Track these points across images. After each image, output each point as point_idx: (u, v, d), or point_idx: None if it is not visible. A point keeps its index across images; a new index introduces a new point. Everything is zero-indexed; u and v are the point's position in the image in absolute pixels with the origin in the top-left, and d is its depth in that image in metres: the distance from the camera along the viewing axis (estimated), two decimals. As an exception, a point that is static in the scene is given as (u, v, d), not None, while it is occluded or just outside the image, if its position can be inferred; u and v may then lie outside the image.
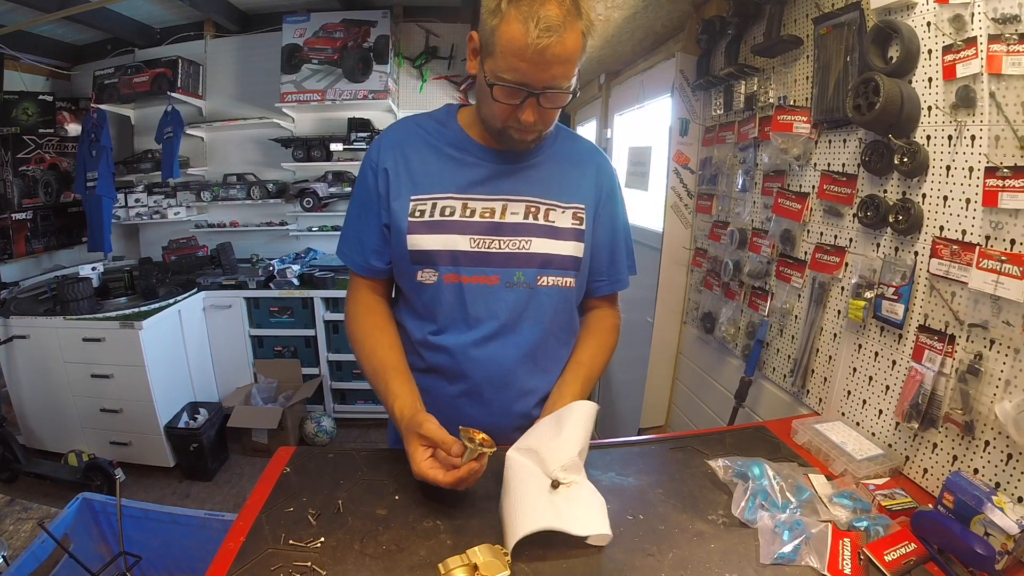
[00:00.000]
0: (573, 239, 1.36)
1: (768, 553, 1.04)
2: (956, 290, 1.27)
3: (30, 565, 1.96)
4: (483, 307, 1.33)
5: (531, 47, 1.06)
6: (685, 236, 2.65)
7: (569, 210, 1.37)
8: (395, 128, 1.44)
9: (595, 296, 1.51)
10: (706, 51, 2.34)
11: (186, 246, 4.76)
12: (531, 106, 1.17)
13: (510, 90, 1.15)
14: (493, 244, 1.32)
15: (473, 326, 1.34)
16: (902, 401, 1.38)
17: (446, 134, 1.38)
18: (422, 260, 1.33)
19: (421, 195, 1.33)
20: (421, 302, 1.37)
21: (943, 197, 1.31)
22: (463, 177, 1.34)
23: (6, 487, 3.61)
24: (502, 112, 1.21)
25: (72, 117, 4.79)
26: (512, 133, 1.24)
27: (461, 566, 0.94)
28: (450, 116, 1.41)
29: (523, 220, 1.33)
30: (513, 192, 1.34)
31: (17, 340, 3.73)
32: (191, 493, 3.79)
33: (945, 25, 1.26)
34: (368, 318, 1.41)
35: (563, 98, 1.20)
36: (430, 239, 1.31)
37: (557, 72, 1.12)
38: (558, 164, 1.40)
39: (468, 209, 1.32)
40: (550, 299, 1.36)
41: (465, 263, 1.31)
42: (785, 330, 1.92)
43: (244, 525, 1.12)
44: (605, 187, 1.44)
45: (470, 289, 1.32)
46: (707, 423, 2.44)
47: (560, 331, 1.43)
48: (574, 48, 1.11)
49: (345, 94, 4.42)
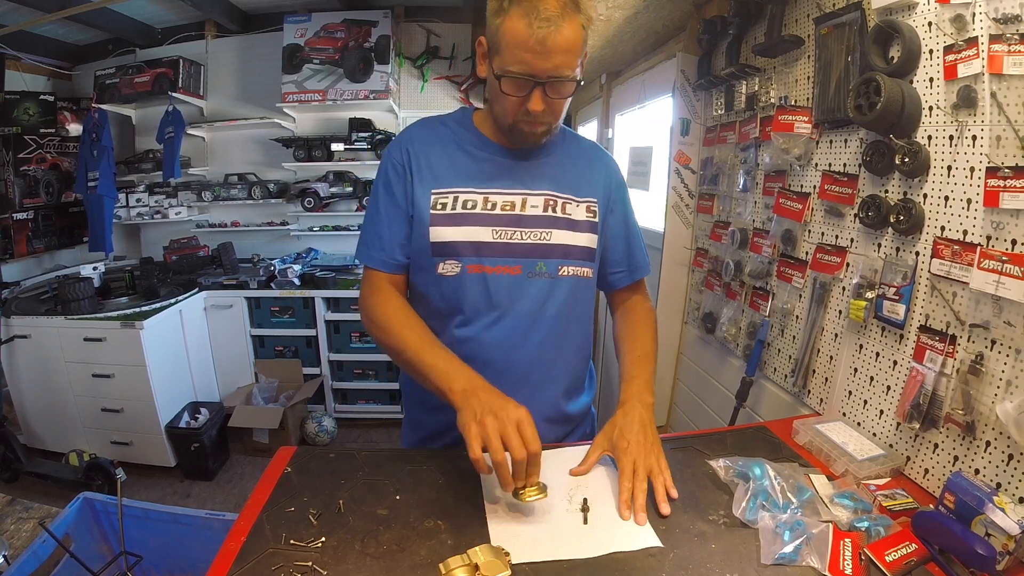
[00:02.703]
0: (588, 231, 1.42)
1: (769, 553, 1.04)
2: (957, 290, 1.27)
3: (31, 565, 1.96)
4: (506, 297, 1.37)
5: (532, 37, 1.13)
6: (686, 236, 2.65)
7: (583, 204, 1.43)
8: (415, 126, 1.48)
9: (619, 288, 1.57)
10: (707, 51, 2.34)
11: (187, 246, 4.76)
12: (538, 95, 1.22)
13: (518, 82, 1.21)
14: (515, 235, 1.36)
15: (498, 316, 1.37)
16: (903, 401, 1.38)
17: (464, 134, 1.43)
18: (445, 252, 1.36)
19: (442, 189, 1.37)
20: (441, 295, 1.39)
21: (944, 197, 1.31)
22: (482, 172, 1.39)
23: (7, 487, 3.61)
24: (512, 106, 1.25)
25: (73, 117, 4.79)
26: (523, 127, 1.29)
27: (462, 566, 0.94)
28: (466, 117, 1.47)
29: (543, 212, 1.38)
30: (532, 186, 1.40)
31: (18, 340, 3.73)
32: (192, 493, 3.80)
33: (946, 25, 1.26)
34: (392, 302, 1.40)
35: (568, 87, 1.24)
36: (452, 231, 1.35)
37: (559, 61, 1.17)
38: (570, 160, 1.46)
39: (489, 202, 1.37)
40: (571, 288, 1.41)
41: (488, 254, 1.35)
42: (786, 330, 1.92)
43: (245, 525, 1.13)
44: (614, 182, 1.51)
45: (494, 279, 1.36)
46: (708, 423, 2.44)
47: (581, 319, 1.48)
48: (573, 38, 1.17)
49: (346, 94, 4.42)
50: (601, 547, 1.06)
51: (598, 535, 1.10)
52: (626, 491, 1.17)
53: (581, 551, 1.05)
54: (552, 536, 1.09)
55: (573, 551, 1.05)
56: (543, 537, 1.08)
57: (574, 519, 1.14)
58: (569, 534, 1.10)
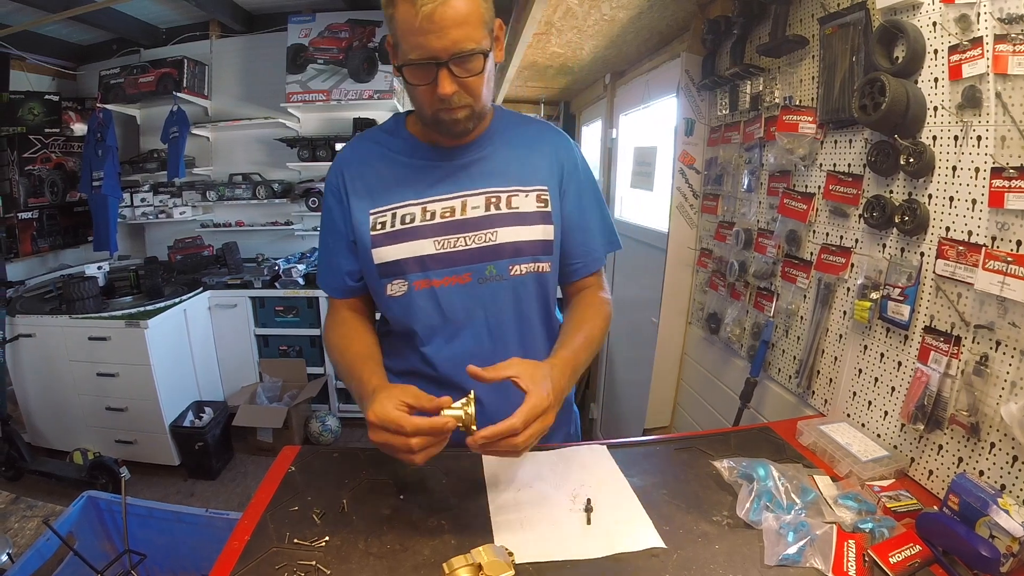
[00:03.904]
0: (541, 222, 1.34)
1: (773, 554, 1.04)
2: (962, 291, 1.26)
3: (35, 563, 1.97)
4: (460, 308, 1.32)
5: (419, 16, 1.06)
6: (690, 236, 2.64)
7: (532, 193, 1.35)
8: (348, 147, 1.45)
9: (573, 280, 1.47)
10: (711, 51, 2.34)
11: (191, 245, 4.77)
12: (444, 77, 1.13)
13: (421, 69, 1.14)
14: (459, 242, 1.30)
15: (456, 328, 1.33)
16: (908, 403, 1.38)
17: (396, 143, 1.38)
18: (390, 272, 1.32)
19: (380, 207, 1.33)
20: (395, 316, 1.37)
21: (949, 198, 1.30)
22: (419, 181, 1.34)
23: (11, 485, 3.62)
24: (425, 96, 1.18)
25: (78, 117, 4.81)
26: (443, 116, 1.20)
27: (465, 566, 0.94)
28: (399, 124, 1.41)
29: (485, 212, 1.31)
30: (470, 186, 1.33)
31: (23, 339, 3.75)
32: (195, 491, 3.81)
33: (951, 25, 1.26)
34: (343, 327, 1.40)
35: (475, 62, 1.15)
36: (395, 249, 1.30)
37: (456, 35, 1.09)
38: (512, 150, 1.38)
39: (428, 212, 1.31)
40: (527, 287, 1.35)
41: (433, 266, 1.30)
42: (790, 331, 1.91)
43: (249, 524, 1.13)
44: (566, 164, 1.41)
45: (444, 292, 1.31)
46: (712, 424, 2.44)
47: (546, 317, 1.42)
48: (466, 9, 1.09)
49: (350, 94, 4.42)
50: (604, 548, 1.06)
51: (601, 535, 1.10)
52: (508, 428, 1.00)
53: (584, 551, 1.05)
54: (555, 536, 1.09)
55: (576, 551, 1.05)
56: (546, 537, 1.09)
57: (577, 519, 1.15)
58: (572, 534, 1.10)
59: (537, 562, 1.02)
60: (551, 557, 1.04)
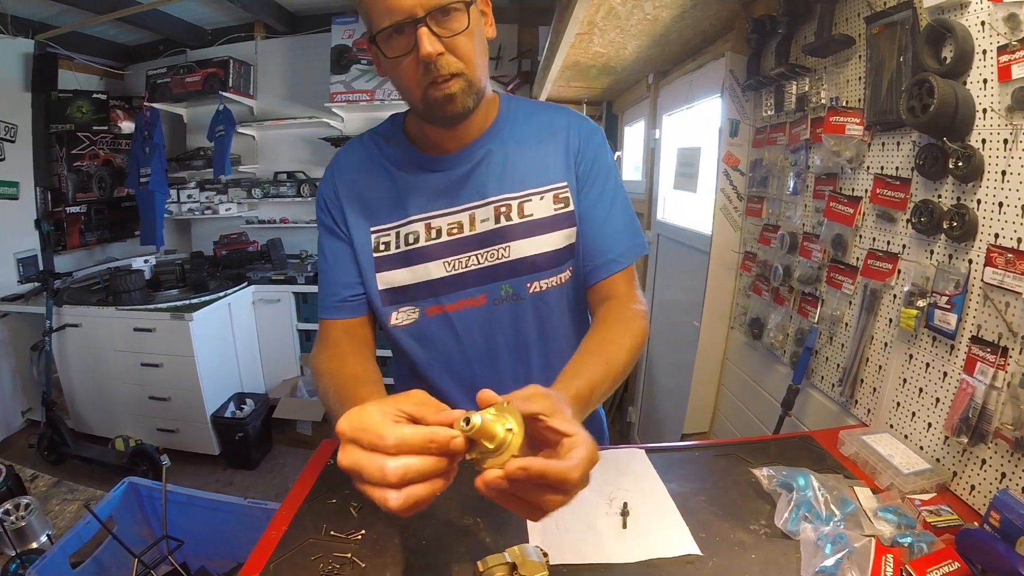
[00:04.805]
0: (560, 227, 1.21)
1: (809, 566, 1.02)
2: (1010, 300, 1.22)
3: (73, 544, 2.03)
4: (479, 332, 1.23)
5: None
6: (734, 239, 2.61)
7: (549, 193, 1.21)
8: (343, 152, 1.31)
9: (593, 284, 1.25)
10: (756, 51, 2.31)
11: (236, 241, 4.88)
12: (424, 35, 0.96)
13: (398, 37, 1.00)
14: (470, 261, 1.19)
15: (477, 355, 1.24)
16: (952, 415, 1.34)
17: (392, 152, 1.25)
18: (397, 299, 1.23)
19: (381, 225, 1.22)
20: (404, 350, 1.27)
21: (998, 203, 1.26)
22: (420, 194, 1.21)
23: (53, 469, 3.75)
24: (409, 71, 1.03)
25: (125, 115, 4.96)
26: (433, 92, 1.04)
27: (499, 564, 0.94)
28: (396, 127, 1.27)
29: (495, 226, 1.19)
30: (477, 196, 1.20)
31: (69, 328, 3.88)
32: (234, 481, 3.89)
33: (1000, 24, 1.22)
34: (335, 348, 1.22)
35: (458, 18, 1.00)
36: (401, 274, 1.21)
37: None
38: (518, 144, 1.23)
39: (433, 230, 1.19)
40: (548, 305, 1.24)
41: (444, 291, 1.20)
42: (835, 338, 1.88)
43: (287, 514, 1.15)
44: (584, 148, 1.24)
45: (458, 317, 1.22)
46: (752, 431, 2.41)
47: (574, 330, 1.30)
48: None
49: (394, 94, 4.43)
50: (639, 553, 1.06)
51: (637, 540, 1.09)
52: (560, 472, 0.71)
53: (619, 556, 1.05)
54: (591, 539, 1.09)
55: (611, 555, 1.05)
56: (582, 540, 1.08)
57: (613, 523, 1.14)
58: (608, 538, 1.10)
59: (572, 564, 1.02)
60: (586, 560, 1.03)
